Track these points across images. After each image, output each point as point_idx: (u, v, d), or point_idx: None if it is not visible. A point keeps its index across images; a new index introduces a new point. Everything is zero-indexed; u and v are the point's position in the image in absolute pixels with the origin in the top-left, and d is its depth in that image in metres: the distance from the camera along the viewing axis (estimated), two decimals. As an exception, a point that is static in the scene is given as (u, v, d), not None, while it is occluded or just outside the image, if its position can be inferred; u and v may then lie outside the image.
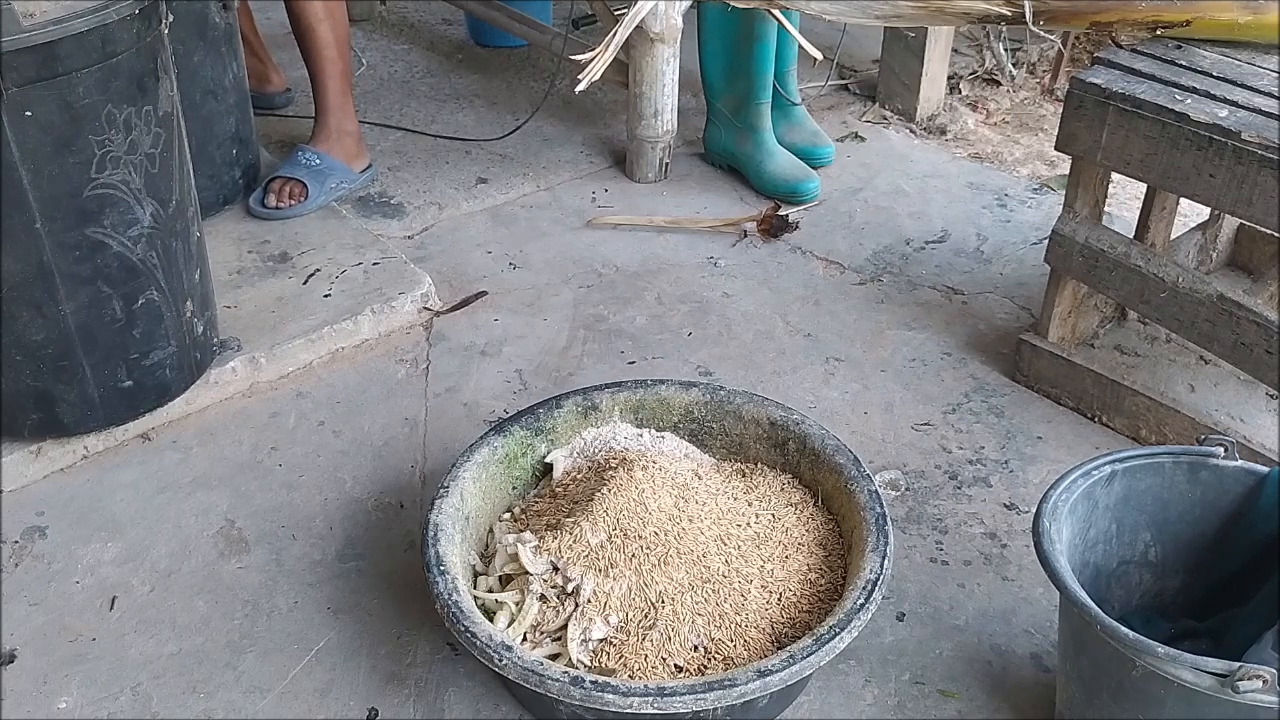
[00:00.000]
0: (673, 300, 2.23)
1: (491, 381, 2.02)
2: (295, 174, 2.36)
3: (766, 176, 2.55)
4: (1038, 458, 1.87)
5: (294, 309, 2.08)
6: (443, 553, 1.43)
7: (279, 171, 2.38)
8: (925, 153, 2.76)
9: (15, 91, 1.48)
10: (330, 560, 1.68)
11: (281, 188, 2.34)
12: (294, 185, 2.35)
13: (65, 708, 1.48)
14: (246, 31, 2.65)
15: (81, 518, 1.74)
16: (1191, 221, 2.23)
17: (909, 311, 2.21)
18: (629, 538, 1.44)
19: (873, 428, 1.93)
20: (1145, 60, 1.78)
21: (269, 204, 2.32)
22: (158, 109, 1.65)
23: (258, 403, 1.96)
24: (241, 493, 1.79)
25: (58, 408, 1.74)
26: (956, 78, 3.00)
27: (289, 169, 2.38)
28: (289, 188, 2.34)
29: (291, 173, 2.37)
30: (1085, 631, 1.26)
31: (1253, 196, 1.63)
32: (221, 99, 2.24)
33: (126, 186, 1.63)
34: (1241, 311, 1.71)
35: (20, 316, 1.64)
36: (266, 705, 1.48)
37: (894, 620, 1.60)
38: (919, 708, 1.49)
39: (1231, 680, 1.13)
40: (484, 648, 1.31)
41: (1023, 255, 2.37)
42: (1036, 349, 1.97)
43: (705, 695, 1.26)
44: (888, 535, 1.45)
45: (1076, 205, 1.87)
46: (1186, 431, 1.80)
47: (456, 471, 1.55)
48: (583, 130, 2.80)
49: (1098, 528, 1.43)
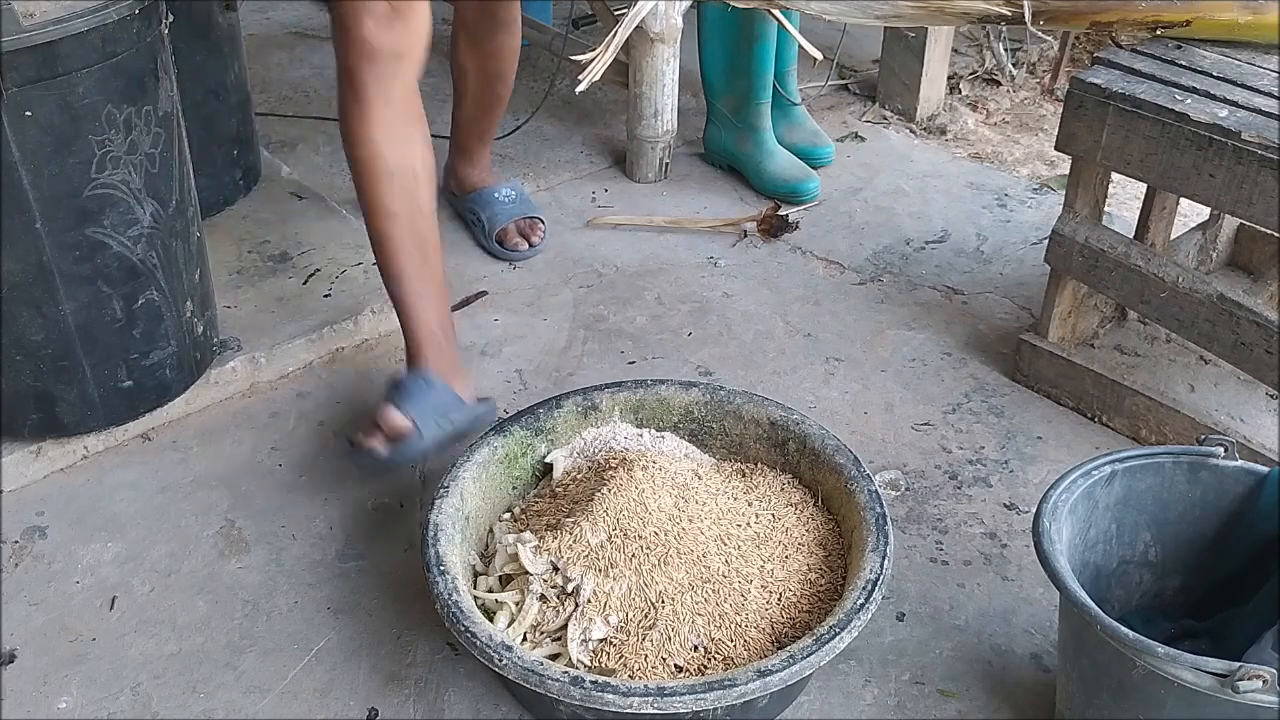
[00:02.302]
0: (673, 300, 2.23)
1: (491, 381, 2.02)
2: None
3: (766, 176, 2.55)
4: (1038, 458, 1.87)
5: (294, 309, 2.08)
6: (443, 553, 1.43)
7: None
8: (925, 153, 2.76)
9: (15, 91, 1.47)
10: (330, 560, 1.68)
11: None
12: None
13: (65, 708, 1.48)
14: None
15: (81, 518, 1.74)
16: (1191, 221, 2.23)
17: (909, 311, 2.20)
18: (629, 538, 1.44)
19: (873, 428, 1.93)
20: (1145, 60, 1.78)
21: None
22: (158, 109, 1.65)
23: (258, 403, 1.96)
24: (241, 493, 1.79)
25: (58, 408, 1.74)
26: (956, 78, 3.00)
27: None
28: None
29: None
30: (1085, 631, 1.26)
31: (1253, 196, 1.63)
32: (223, 99, 2.24)
33: (126, 186, 1.63)
34: (1241, 311, 1.71)
35: (20, 316, 1.64)
36: (266, 705, 1.48)
37: (894, 620, 1.60)
38: (919, 708, 1.49)
39: (1231, 680, 1.13)
40: (484, 648, 1.31)
41: (1023, 255, 2.37)
42: (1036, 349, 1.97)
43: (705, 695, 1.26)
44: (888, 535, 1.45)
45: (1076, 205, 1.87)
46: (1186, 431, 1.80)
47: (456, 471, 1.55)
48: (583, 130, 2.80)
49: (1098, 528, 1.43)
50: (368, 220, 1.71)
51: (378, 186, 1.66)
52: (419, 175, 1.69)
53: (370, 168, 1.66)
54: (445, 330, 1.77)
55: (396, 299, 1.75)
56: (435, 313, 1.76)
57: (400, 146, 1.66)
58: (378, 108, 1.62)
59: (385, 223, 1.69)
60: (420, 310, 1.74)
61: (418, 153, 1.69)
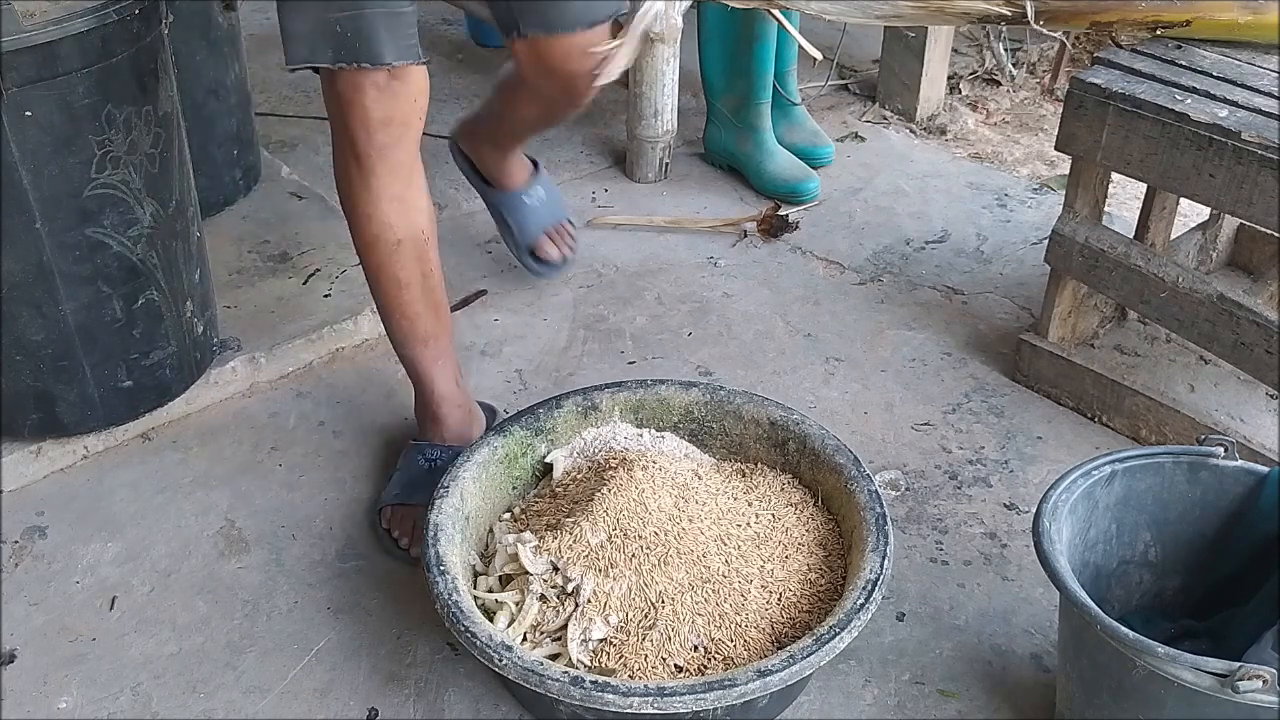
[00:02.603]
0: (673, 300, 2.23)
1: (491, 381, 2.02)
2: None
3: (766, 176, 2.55)
4: (1038, 458, 1.87)
5: (294, 309, 2.08)
6: (443, 553, 1.43)
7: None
8: (925, 153, 2.76)
9: (15, 91, 1.48)
10: (330, 560, 1.68)
11: None
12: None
13: (65, 708, 1.48)
14: None
15: (81, 518, 1.74)
16: (1191, 221, 2.23)
17: (909, 311, 2.20)
18: (629, 538, 1.44)
19: (873, 428, 1.93)
20: (1145, 60, 1.78)
21: None
22: (158, 109, 1.65)
23: (258, 403, 1.96)
24: (241, 493, 1.79)
25: (58, 408, 1.74)
26: (956, 78, 3.00)
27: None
28: None
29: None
30: (1085, 631, 1.26)
31: (1253, 196, 1.63)
32: (223, 99, 2.24)
33: (126, 186, 1.63)
34: (1241, 311, 1.71)
35: (20, 316, 1.64)
36: (266, 705, 1.48)
37: (894, 620, 1.60)
38: (919, 708, 1.49)
39: (1231, 680, 1.13)
40: (484, 648, 1.31)
41: (1023, 255, 2.37)
42: (1036, 349, 1.97)
43: (705, 695, 1.26)
44: (888, 535, 1.45)
45: (1076, 205, 1.87)
46: (1186, 431, 1.80)
47: (456, 471, 1.55)
48: (582, 130, 2.80)
49: (1098, 528, 1.43)
50: (375, 289, 1.67)
51: (391, 260, 1.63)
52: (427, 234, 1.65)
53: (379, 242, 1.61)
54: (458, 382, 1.78)
55: (409, 361, 1.74)
56: (451, 370, 1.76)
57: (407, 214, 1.61)
58: (382, 177, 1.57)
59: (397, 293, 1.66)
60: (437, 375, 1.74)
61: (423, 212, 1.64)
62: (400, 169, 1.58)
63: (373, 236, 1.61)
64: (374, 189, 1.58)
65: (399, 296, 1.66)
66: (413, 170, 1.61)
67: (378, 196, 1.58)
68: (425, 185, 1.64)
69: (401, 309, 1.67)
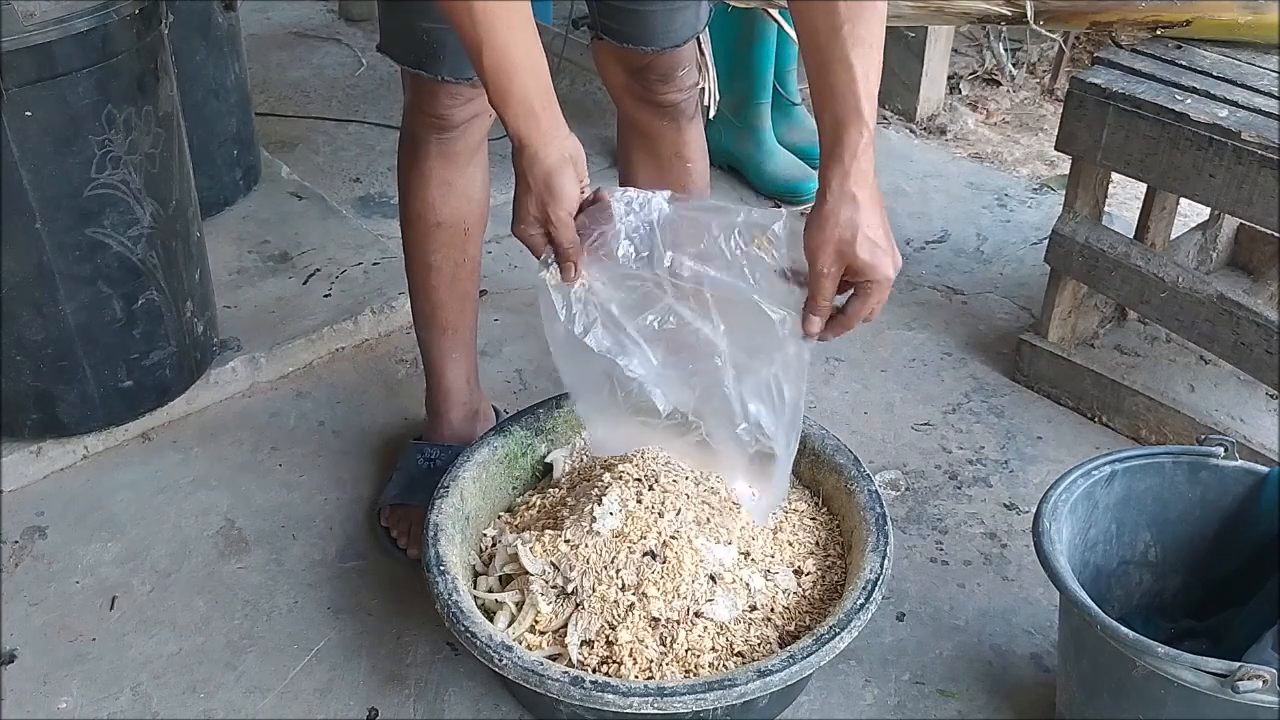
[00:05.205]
0: (673, 300, 2.23)
1: (491, 381, 2.02)
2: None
3: (767, 176, 2.54)
4: (1038, 458, 1.87)
5: (294, 309, 2.08)
6: (443, 553, 1.43)
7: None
8: (925, 153, 2.76)
9: (15, 91, 1.48)
10: (330, 560, 1.68)
11: None
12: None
13: (65, 708, 1.48)
14: None
15: (81, 518, 1.74)
16: (1191, 221, 2.23)
17: (909, 311, 2.20)
18: (629, 537, 1.44)
19: (873, 428, 1.93)
20: (1145, 60, 1.78)
21: None
22: (158, 109, 1.65)
23: (258, 403, 1.96)
24: (241, 493, 1.79)
25: (58, 408, 1.74)
26: (956, 78, 3.00)
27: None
28: None
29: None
30: (1085, 631, 1.26)
31: (1253, 196, 1.63)
32: (223, 99, 2.24)
33: (126, 186, 1.63)
34: (1241, 311, 1.71)
35: (20, 316, 1.64)
36: (266, 705, 1.48)
37: (894, 620, 1.60)
38: (919, 708, 1.49)
39: (1231, 680, 1.13)
40: (484, 648, 1.31)
41: (1023, 255, 2.37)
42: (1036, 349, 1.97)
43: (705, 695, 1.26)
44: (888, 535, 1.45)
45: (1076, 205, 1.87)
46: (1186, 431, 1.80)
47: (456, 471, 1.55)
48: (583, 130, 2.78)
49: (1098, 528, 1.43)
50: (407, 267, 1.69)
51: (426, 241, 1.64)
52: (470, 230, 1.65)
53: (419, 221, 1.63)
54: (469, 379, 1.77)
55: (424, 346, 1.75)
56: (465, 366, 1.76)
57: (452, 200, 1.61)
58: (434, 160, 1.58)
59: (426, 275, 1.67)
60: (449, 368, 1.74)
61: (471, 201, 1.63)
62: (457, 157, 1.59)
63: (415, 214, 1.63)
64: (424, 170, 1.60)
65: (427, 279, 1.67)
66: (471, 160, 1.61)
67: (426, 178, 1.60)
68: (484, 179, 1.65)
69: (427, 292, 1.68)
